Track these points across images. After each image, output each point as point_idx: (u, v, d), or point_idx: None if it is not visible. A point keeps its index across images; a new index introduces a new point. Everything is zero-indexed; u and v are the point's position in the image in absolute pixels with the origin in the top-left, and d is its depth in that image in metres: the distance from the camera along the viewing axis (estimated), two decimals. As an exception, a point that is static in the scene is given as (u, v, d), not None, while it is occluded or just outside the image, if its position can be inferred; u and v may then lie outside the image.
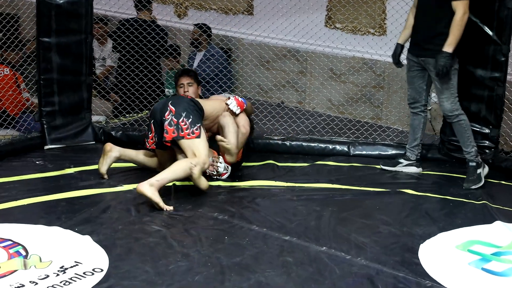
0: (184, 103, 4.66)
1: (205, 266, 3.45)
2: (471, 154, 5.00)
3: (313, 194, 4.65)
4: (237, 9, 7.94)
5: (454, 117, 4.97)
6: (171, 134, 4.55)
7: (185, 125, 4.54)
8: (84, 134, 5.71)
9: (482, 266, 3.61)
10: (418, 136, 5.25)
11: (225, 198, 4.50)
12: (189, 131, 4.53)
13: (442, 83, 4.90)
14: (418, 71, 5.06)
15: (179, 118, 4.55)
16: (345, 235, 3.93)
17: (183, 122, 4.54)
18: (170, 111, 4.58)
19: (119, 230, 3.87)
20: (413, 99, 5.17)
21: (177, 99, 4.78)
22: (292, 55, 7.48)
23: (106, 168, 4.77)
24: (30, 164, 5.07)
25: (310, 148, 5.68)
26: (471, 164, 5.00)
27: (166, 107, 4.62)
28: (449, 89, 4.92)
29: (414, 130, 5.26)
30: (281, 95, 6.89)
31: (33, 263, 3.39)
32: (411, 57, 5.07)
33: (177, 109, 4.59)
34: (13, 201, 4.22)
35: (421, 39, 4.93)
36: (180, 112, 4.57)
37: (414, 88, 5.14)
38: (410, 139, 5.31)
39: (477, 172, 4.98)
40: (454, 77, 4.92)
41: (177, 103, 4.65)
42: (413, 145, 5.27)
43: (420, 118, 5.20)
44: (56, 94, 5.50)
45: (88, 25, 5.55)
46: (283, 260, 3.57)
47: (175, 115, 4.56)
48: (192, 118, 4.57)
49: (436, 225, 4.17)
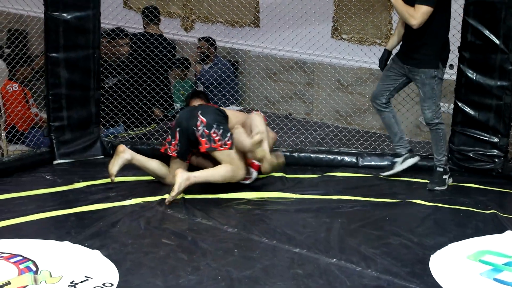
0: (213, 113, 4.71)
1: (215, 279, 3.44)
2: (441, 162, 5.11)
3: (322, 206, 4.64)
4: (243, 21, 7.96)
5: (433, 125, 5.04)
6: (204, 145, 4.65)
7: (217, 136, 4.62)
8: (93, 148, 5.72)
9: (494, 276, 3.59)
10: (397, 131, 5.27)
11: (235, 211, 4.49)
12: (221, 142, 4.63)
13: (425, 92, 4.96)
14: (395, 73, 5.12)
15: (211, 129, 4.63)
16: (355, 247, 3.91)
17: (214, 133, 4.62)
18: (201, 121, 4.64)
19: (128, 244, 3.87)
20: (374, 96, 5.23)
21: (206, 108, 4.80)
22: (299, 66, 7.49)
23: (116, 169, 4.79)
24: (39, 179, 5.08)
25: (319, 160, 5.67)
26: (438, 169, 5.11)
27: (196, 117, 4.67)
28: (432, 98, 4.97)
29: (389, 127, 5.29)
30: (289, 107, 6.89)
31: (43, 278, 3.40)
32: (397, 60, 5.11)
33: (207, 119, 4.65)
34: (23, 217, 4.23)
35: (408, 48, 4.99)
36: (211, 123, 4.64)
37: (381, 85, 5.21)
38: (391, 136, 5.35)
39: (443, 177, 5.09)
40: (438, 87, 4.98)
41: (207, 112, 4.70)
42: (397, 140, 5.30)
43: (386, 114, 5.24)
44: (64, 109, 5.51)
45: (96, 40, 5.57)
46: (293, 273, 3.56)
47: (206, 126, 4.63)
48: (223, 129, 4.65)
49: (447, 235, 4.15)
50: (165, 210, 4.45)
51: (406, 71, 5.03)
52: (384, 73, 5.22)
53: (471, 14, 5.22)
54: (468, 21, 5.24)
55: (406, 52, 5.02)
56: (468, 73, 5.33)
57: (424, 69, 4.91)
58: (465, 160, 5.47)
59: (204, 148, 4.66)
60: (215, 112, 4.77)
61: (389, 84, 5.17)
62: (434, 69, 4.90)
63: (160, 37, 6.68)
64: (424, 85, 4.95)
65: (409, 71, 5.02)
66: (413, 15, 4.78)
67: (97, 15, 5.52)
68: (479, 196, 4.92)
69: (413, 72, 4.98)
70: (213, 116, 4.70)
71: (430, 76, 4.91)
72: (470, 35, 5.25)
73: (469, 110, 5.40)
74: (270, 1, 7.23)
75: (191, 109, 4.86)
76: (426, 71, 4.91)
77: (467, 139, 5.45)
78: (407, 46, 5.00)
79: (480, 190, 5.10)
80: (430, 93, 4.95)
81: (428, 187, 5.06)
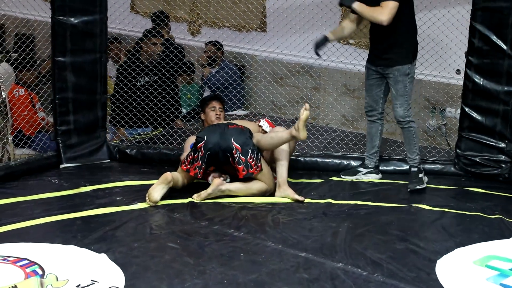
0: (244, 138, 4.76)
1: (221, 284, 3.44)
2: (414, 161, 5.18)
3: (328, 210, 4.63)
4: (250, 26, 7.97)
5: (405, 123, 5.09)
6: (242, 173, 4.73)
7: (253, 161, 4.72)
8: (99, 152, 5.73)
9: (501, 281, 3.58)
10: (376, 144, 5.36)
11: (241, 215, 4.49)
12: (256, 166, 4.73)
13: (397, 90, 5.01)
14: (376, 79, 5.17)
15: (247, 156, 4.71)
16: (362, 251, 3.91)
17: (251, 159, 4.72)
18: (237, 149, 4.70)
19: (134, 248, 3.87)
20: (370, 107, 5.28)
21: (238, 133, 4.79)
22: (305, 71, 7.49)
23: (160, 197, 4.61)
24: (46, 183, 5.10)
25: (325, 164, 5.67)
26: (413, 169, 5.18)
27: (231, 144, 4.71)
28: (404, 96, 5.03)
29: (372, 137, 5.36)
30: (295, 111, 6.87)
31: (49, 282, 3.40)
32: (369, 65, 5.17)
33: (242, 146, 4.72)
34: (29, 220, 4.24)
35: (379, 49, 5.04)
36: (247, 149, 4.72)
37: (371, 96, 5.25)
38: (368, 147, 5.41)
39: (419, 176, 5.15)
40: (410, 85, 5.04)
41: (240, 139, 4.74)
42: (371, 153, 5.39)
43: (377, 125, 5.31)
44: (71, 113, 5.53)
45: (103, 44, 5.59)
46: (299, 277, 3.55)
47: (242, 152, 4.71)
48: (256, 152, 4.75)
49: (453, 240, 4.14)
50: (171, 214, 4.45)
51: (381, 71, 5.10)
52: (366, 85, 5.27)
53: (478, 20, 5.21)
54: (475, 26, 5.23)
55: (376, 54, 5.09)
56: (475, 78, 5.32)
57: (398, 66, 4.97)
58: (471, 165, 5.45)
59: (242, 175, 4.75)
60: (246, 136, 4.80)
61: (377, 91, 5.21)
62: (407, 64, 4.97)
63: (166, 42, 6.70)
64: (397, 82, 5.01)
65: (383, 71, 5.08)
66: (381, 12, 4.83)
67: (104, 20, 5.55)
68: (486, 201, 4.90)
69: (386, 71, 5.05)
70: (246, 142, 4.75)
71: (404, 73, 4.99)
72: (477, 40, 5.25)
73: (476, 115, 5.39)
74: (277, 6, 7.23)
75: (220, 132, 4.80)
76: (399, 68, 4.98)
77: (474, 145, 5.44)
78: (377, 49, 5.05)
79: (486, 195, 5.08)
80: (403, 90, 5.02)
81: (409, 188, 5.09)
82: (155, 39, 6.44)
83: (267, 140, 4.83)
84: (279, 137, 4.81)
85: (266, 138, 4.84)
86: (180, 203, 4.65)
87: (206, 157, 4.75)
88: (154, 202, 4.58)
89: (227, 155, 4.74)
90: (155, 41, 6.44)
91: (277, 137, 4.82)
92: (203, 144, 4.75)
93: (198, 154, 4.76)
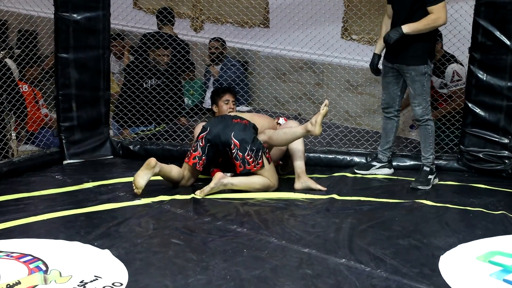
0: (246, 135, 4.76)
1: (224, 279, 3.44)
2: (428, 160, 5.14)
3: (331, 206, 4.63)
4: (253, 22, 7.96)
5: (423, 121, 5.09)
6: (239, 168, 4.75)
7: (251, 158, 4.73)
8: (102, 148, 5.74)
9: (504, 277, 3.58)
10: (391, 140, 5.38)
11: (244, 211, 4.49)
12: (254, 163, 4.74)
13: (415, 89, 5.00)
14: (393, 77, 5.16)
15: (245, 152, 4.71)
16: (365, 247, 3.91)
17: (248, 156, 4.72)
18: (235, 144, 4.72)
19: (138, 244, 3.88)
20: (387, 104, 5.28)
21: (240, 129, 4.79)
22: (308, 67, 7.48)
23: (144, 183, 4.64)
24: (49, 179, 5.11)
25: (328, 160, 5.67)
26: (425, 168, 5.14)
27: (230, 139, 4.73)
28: (422, 94, 5.02)
29: (387, 133, 5.37)
30: (298, 107, 6.88)
31: (53, 278, 3.41)
32: (386, 63, 5.16)
33: (241, 142, 4.73)
34: (32, 216, 4.25)
35: (396, 47, 4.98)
36: (245, 146, 4.72)
37: (388, 93, 5.24)
38: (382, 142, 5.42)
39: (428, 177, 5.11)
40: (427, 84, 5.03)
41: (240, 135, 4.75)
42: (385, 148, 5.41)
43: (393, 122, 5.32)
44: (74, 109, 5.54)
45: (106, 40, 5.60)
46: (302, 273, 3.56)
47: (240, 149, 4.72)
48: (255, 150, 4.74)
49: (456, 236, 4.14)
50: (174, 210, 4.46)
51: (397, 68, 5.09)
52: (383, 82, 5.26)
53: (481, 15, 5.20)
54: (478, 22, 5.23)
55: (394, 52, 5.05)
56: (478, 74, 5.31)
57: (414, 66, 4.94)
58: (475, 161, 5.45)
59: (238, 171, 4.77)
60: (248, 132, 4.79)
61: (394, 88, 5.20)
62: (423, 65, 4.94)
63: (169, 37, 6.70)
64: (414, 82, 5.00)
65: (399, 69, 5.07)
66: (437, 17, 4.81)
67: (107, 16, 5.55)
68: (489, 197, 4.90)
69: (403, 70, 5.03)
70: (246, 138, 4.75)
71: (421, 73, 4.96)
72: (480, 36, 5.24)
73: (479, 111, 5.38)
74: (280, 2, 7.22)
75: (224, 125, 4.83)
76: (416, 68, 4.95)
77: (477, 140, 5.44)
78: (394, 46, 4.99)
79: (490, 191, 5.08)
80: (420, 89, 5.00)
81: (411, 186, 5.09)
82: (162, 50, 6.41)
83: (279, 135, 4.83)
84: (292, 132, 4.81)
85: (279, 133, 4.84)
86: (183, 199, 4.66)
87: (207, 149, 4.78)
88: (140, 188, 4.61)
89: (226, 149, 4.77)
90: (162, 52, 6.41)
91: (290, 132, 4.82)
92: (205, 134, 4.81)
93: (199, 144, 4.80)
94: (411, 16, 4.88)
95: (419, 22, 4.85)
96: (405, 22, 4.88)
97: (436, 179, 5.17)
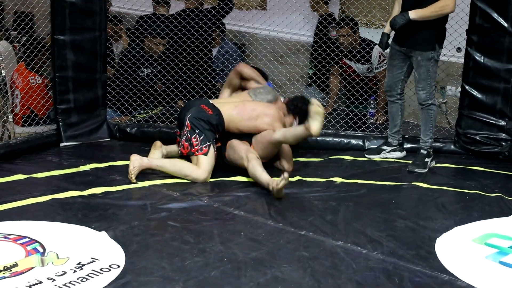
0: (199, 121, 4.79)
1: (221, 262, 3.45)
2: (426, 144, 5.16)
3: (328, 189, 4.64)
4: (250, 4, 7.93)
5: (426, 105, 5.10)
6: (185, 150, 4.80)
7: (196, 141, 4.74)
8: (99, 131, 5.74)
9: (500, 259, 3.59)
10: (398, 123, 5.39)
11: (240, 194, 4.50)
12: (198, 147, 4.74)
13: (420, 74, 4.99)
14: (399, 60, 5.15)
15: (193, 135, 4.76)
16: (361, 229, 3.92)
17: (195, 139, 4.75)
18: (187, 126, 4.79)
19: (135, 226, 3.88)
20: (389, 87, 5.28)
21: (197, 112, 4.83)
22: (306, 49, 7.46)
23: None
24: (46, 162, 5.10)
25: (325, 143, 5.67)
26: (422, 151, 5.15)
27: (185, 120, 4.84)
28: (426, 79, 5.01)
29: (393, 117, 5.38)
30: (295, 89, 6.86)
31: (50, 260, 3.41)
32: (394, 45, 5.13)
33: (192, 126, 4.78)
34: (29, 199, 4.25)
35: (404, 30, 4.95)
36: (195, 130, 4.77)
37: (391, 76, 5.24)
38: (391, 125, 5.44)
39: (425, 160, 5.12)
40: (433, 68, 5.00)
41: (194, 120, 4.79)
42: (394, 131, 5.42)
43: (397, 105, 5.33)
44: (71, 91, 5.53)
45: (102, 22, 5.57)
46: (299, 255, 3.57)
47: (190, 131, 4.78)
48: (204, 136, 4.76)
49: (452, 218, 4.16)
50: (171, 193, 4.46)
51: (405, 52, 5.07)
52: (388, 65, 5.26)
53: (479, -3, 5.19)
54: (476, 3, 5.22)
55: (402, 36, 5.02)
56: (476, 56, 5.31)
57: (421, 51, 4.92)
58: (471, 143, 5.46)
59: (185, 152, 4.81)
60: (205, 118, 4.80)
61: (398, 72, 5.18)
62: (431, 51, 4.91)
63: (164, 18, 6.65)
64: (420, 66, 4.98)
65: (407, 52, 5.05)
66: (445, 4, 4.80)
67: (103, -3, 5.52)
68: (485, 179, 4.92)
69: (410, 53, 5.02)
70: (199, 124, 4.78)
71: (427, 58, 4.95)
72: (478, 18, 5.23)
73: (476, 93, 5.39)
74: (277, -16, 7.19)
75: (192, 105, 4.95)
76: (423, 53, 4.93)
77: (474, 123, 5.45)
78: (403, 29, 4.96)
79: (486, 173, 5.10)
80: (425, 74, 4.99)
81: (408, 169, 5.10)
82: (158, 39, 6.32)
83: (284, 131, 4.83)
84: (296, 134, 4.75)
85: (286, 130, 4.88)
86: (180, 182, 4.66)
87: (177, 125, 5.04)
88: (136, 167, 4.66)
89: (181, 131, 4.93)
90: (158, 41, 6.32)
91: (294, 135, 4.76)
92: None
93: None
94: (420, 2, 4.85)
95: (426, 8, 4.81)
96: (413, 7, 4.85)
97: (432, 162, 5.17)
